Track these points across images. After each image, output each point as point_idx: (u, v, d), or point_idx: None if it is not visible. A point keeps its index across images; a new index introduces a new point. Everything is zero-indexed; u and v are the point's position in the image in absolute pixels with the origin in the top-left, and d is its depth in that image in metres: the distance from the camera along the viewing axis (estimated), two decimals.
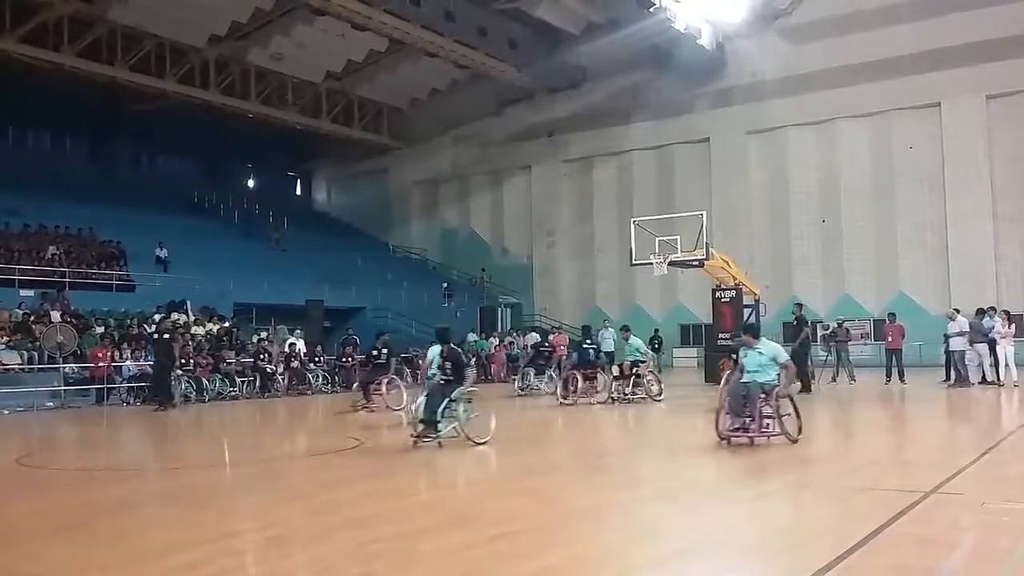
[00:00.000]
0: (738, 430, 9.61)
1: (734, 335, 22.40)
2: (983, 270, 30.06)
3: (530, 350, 27.26)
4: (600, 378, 17.54)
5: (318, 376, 23.82)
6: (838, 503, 6.76)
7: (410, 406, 10.30)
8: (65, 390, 19.65)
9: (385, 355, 17.14)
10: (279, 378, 22.97)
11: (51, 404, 19.32)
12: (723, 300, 22.87)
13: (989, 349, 18.68)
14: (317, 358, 24.78)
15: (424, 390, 10.78)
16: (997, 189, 30.47)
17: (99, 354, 20.09)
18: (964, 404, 16.08)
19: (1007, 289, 29.63)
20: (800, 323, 19.82)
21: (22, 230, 27.17)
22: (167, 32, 31.61)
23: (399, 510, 6.77)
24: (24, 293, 23.57)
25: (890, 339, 20.80)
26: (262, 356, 23.05)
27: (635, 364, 16.72)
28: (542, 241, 39.73)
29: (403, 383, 17.24)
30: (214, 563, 5.17)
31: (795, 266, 33.67)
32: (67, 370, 20.10)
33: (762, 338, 10.24)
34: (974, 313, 19.37)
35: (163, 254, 29.05)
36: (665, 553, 5.32)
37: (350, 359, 25.16)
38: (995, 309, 19.75)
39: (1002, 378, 18.33)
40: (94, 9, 29.56)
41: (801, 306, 20.63)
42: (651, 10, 29.92)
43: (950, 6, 30.29)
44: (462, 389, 10.49)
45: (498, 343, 29.59)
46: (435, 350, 13.99)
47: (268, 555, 5.50)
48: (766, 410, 9.63)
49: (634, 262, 23.86)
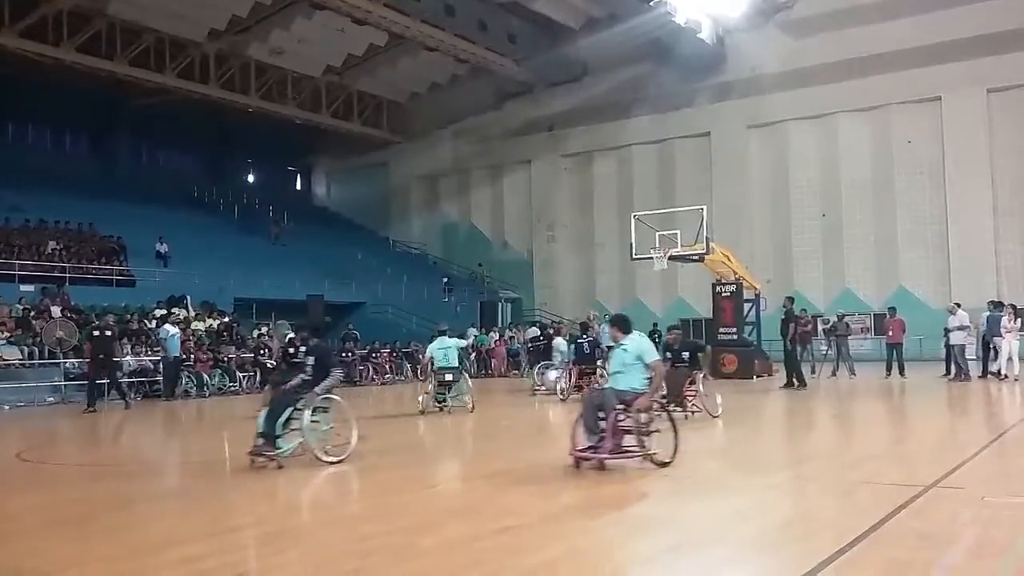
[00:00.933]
0: (590, 449, 7.72)
1: (737, 330, 22.54)
2: (984, 264, 30.03)
3: (530, 345, 27.35)
4: (600, 373, 17.50)
5: None
6: (838, 497, 6.76)
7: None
8: (66, 385, 19.67)
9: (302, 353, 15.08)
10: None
11: (51, 399, 19.35)
12: (724, 295, 22.89)
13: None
14: None
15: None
16: (998, 183, 30.44)
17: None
18: (964, 398, 16.08)
19: (1008, 283, 29.61)
20: (788, 317, 19.44)
21: (22, 225, 27.13)
22: (167, 26, 31.55)
23: (399, 505, 6.77)
24: (24, 288, 23.55)
25: (891, 333, 20.81)
26: (262, 351, 23.05)
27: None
28: (542, 235, 39.71)
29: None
30: (214, 558, 5.17)
31: (796, 260, 33.65)
32: (67, 365, 20.11)
33: (635, 332, 8.28)
34: (992, 307, 19.29)
35: (163, 249, 29.04)
36: (665, 546, 5.32)
37: (350, 354, 25.23)
38: (1002, 303, 19.72)
39: (1003, 371, 18.35)
40: (94, 3, 29.49)
41: (792, 300, 20.01)
42: (651, 4, 29.87)
43: (951, 0, 30.23)
44: (316, 393, 8.56)
45: (498, 338, 29.60)
46: (432, 346, 13.83)
47: (265, 550, 5.50)
48: (627, 424, 7.74)
49: (634, 256, 23.89)
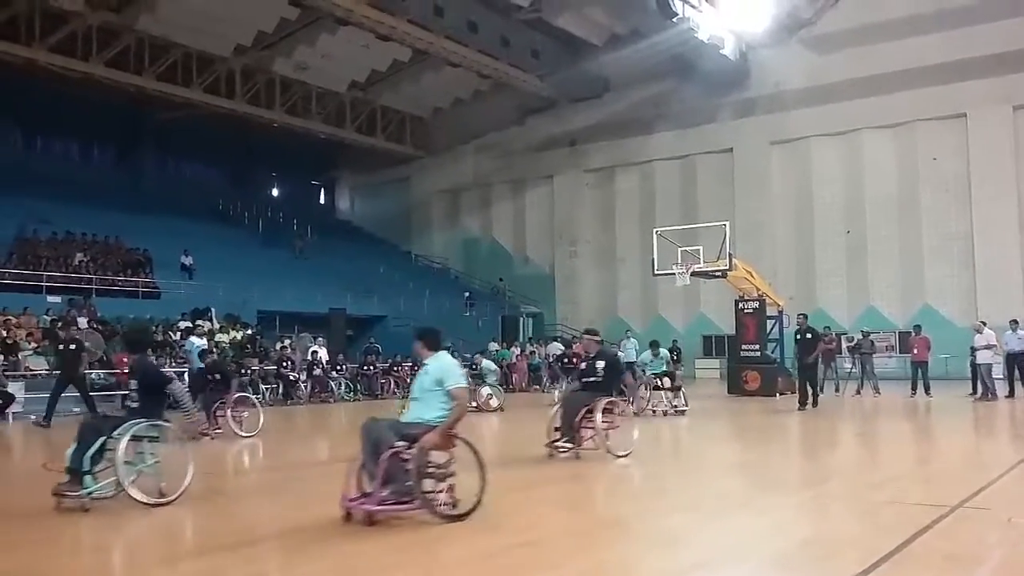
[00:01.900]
0: (361, 498, 6.19)
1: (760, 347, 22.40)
2: (1010, 282, 29.68)
3: (551, 360, 27.31)
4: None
5: (340, 384, 23.92)
6: (862, 517, 6.70)
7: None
8: (91, 396, 19.83)
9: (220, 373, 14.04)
10: (302, 386, 23.12)
11: (77, 409, 19.51)
12: (746, 311, 22.77)
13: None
14: (339, 366, 24.89)
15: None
16: None
17: (124, 360, 20.26)
18: (991, 418, 15.89)
19: None
20: (804, 334, 17.88)
21: (50, 237, 27.50)
22: (194, 42, 31.96)
23: (419, 517, 6.78)
24: (51, 299, 23.87)
25: (916, 351, 20.59)
26: (285, 364, 23.20)
27: (668, 376, 16.64)
28: (564, 250, 39.74)
29: (258, 402, 14.60)
30: (236, 570, 5.20)
31: (819, 277, 33.45)
32: (92, 376, 20.30)
33: (442, 351, 6.83)
34: (1013, 326, 19.07)
35: (188, 261, 29.32)
36: (689, 563, 5.30)
37: (372, 367, 25.33)
38: (1017, 321, 19.43)
39: None
40: (122, 19, 29.95)
41: (806, 316, 18.71)
42: (674, 20, 29.91)
43: (976, 17, 30.05)
44: (133, 425, 7.01)
45: (519, 352, 29.59)
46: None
47: (290, 560, 5.52)
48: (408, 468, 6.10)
49: (656, 272, 23.84)
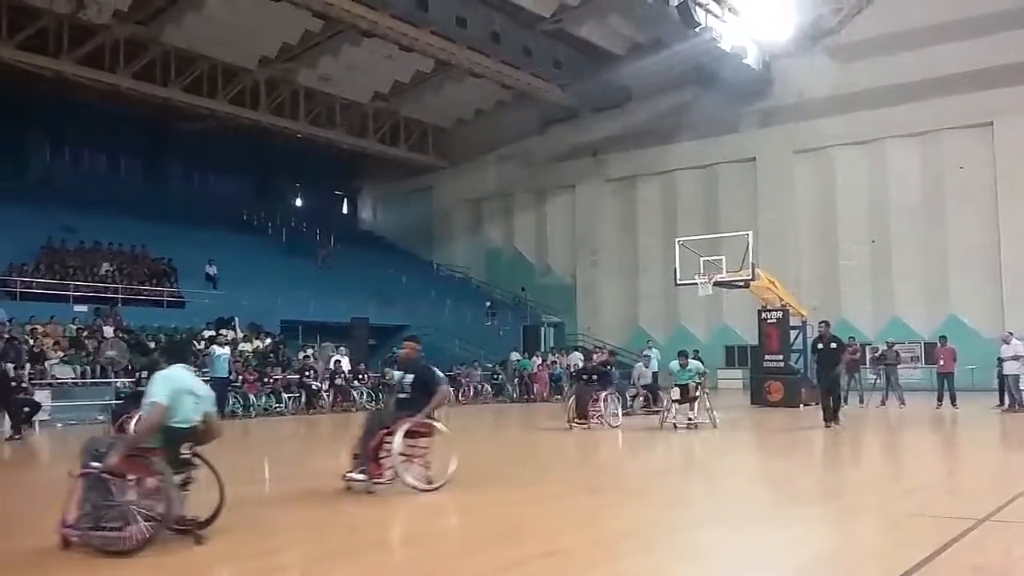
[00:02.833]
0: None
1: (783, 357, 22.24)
2: None
3: (573, 371, 27.25)
4: (610, 401, 16.13)
5: (363, 393, 23.99)
6: (888, 529, 6.63)
7: None
8: (117, 404, 20.01)
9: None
10: (324, 395, 23.22)
11: (102, 418, 19.68)
12: (769, 321, 22.64)
13: None
14: (361, 375, 24.98)
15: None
16: None
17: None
18: (1018, 429, 15.68)
19: None
20: (828, 343, 16.13)
21: (77, 247, 27.84)
22: (219, 54, 32.31)
23: (441, 528, 6.79)
24: (78, 309, 24.15)
25: (941, 363, 20.35)
26: (307, 373, 23.31)
27: (698, 386, 15.78)
28: (586, 260, 39.71)
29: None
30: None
31: (843, 287, 33.19)
32: (118, 384, 20.49)
33: (177, 365, 6.17)
34: None
35: (212, 271, 29.57)
36: (713, 573, 5.27)
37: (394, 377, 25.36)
38: None
39: None
40: (149, 32, 30.33)
41: (828, 324, 16.75)
42: (696, 30, 29.87)
43: (1002, 24, 29.78)
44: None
45: (540, 362, 29.56)
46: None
47: (313, 571, 5.54)
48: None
49: (679, 282, 23.75)
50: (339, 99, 37.35)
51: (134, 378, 14.43)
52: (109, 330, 22.64)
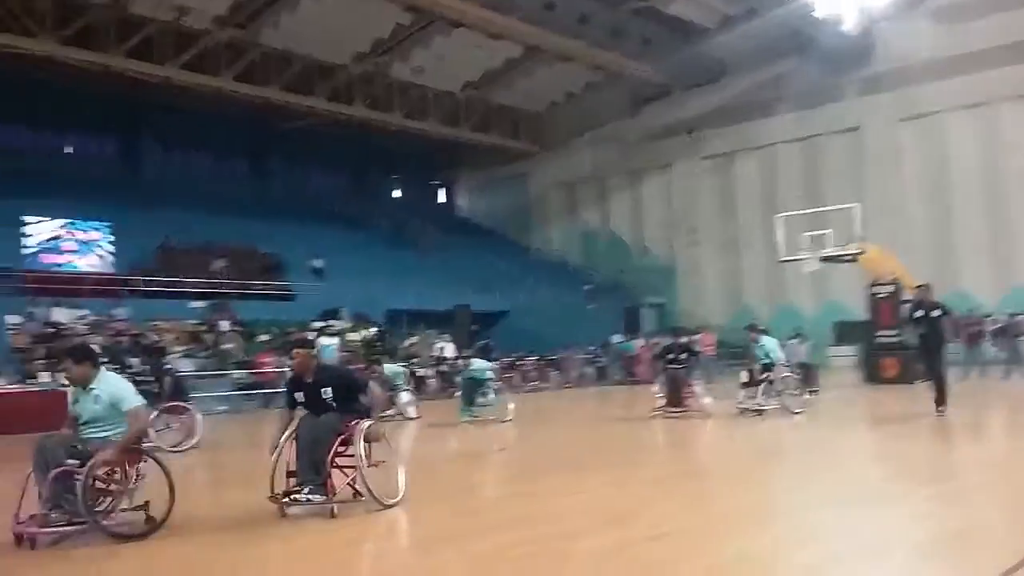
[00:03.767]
0: (32, 518, 5.84)
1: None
2: None
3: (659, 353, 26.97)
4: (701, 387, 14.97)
5: None
6: (1012, 510, 6.37)
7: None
8: (234, 395, 20.92)
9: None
10: (429, 382, 23.66)
11: (221, 408, 20.60)
12: (880, 296, 21.93)
13: None
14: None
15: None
16: None
17: (264, 360, 21.27)
18: None
19: None
20: (928, 311, 13.29)
21: (191, 246, 29.04)
22: (314, 52, 33.07)
23: (550, 511, 6.87)
24: (194, 305, 25.24)
25: None
26: (413, 361, 23.80)
27: (766, 369, 14.23)
28: (684, 240, 39.17)
29: (191, 413, 12.60)
30: (366, 565, 5.40)
31: (959, 257, 31.75)
32: (235, 376, 21.39)
33: (107, 371, 6.46)
34: None
35: (318, 264, 30.42)
36: (828, 554, 5.18)
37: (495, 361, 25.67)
38: None
39: None
40: (247, 34, 31.29)
41: (928, 287, 14.00)
42: None
43: None
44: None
45: (643, 344, 29.37)
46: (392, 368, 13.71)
47: (422, 554, 5.69)
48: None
49: (782, 259, 23.23)
50: (431, 90, 37.76)
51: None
52: (225, 324, 23.61)
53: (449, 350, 25.48)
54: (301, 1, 30.04)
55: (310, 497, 6.39)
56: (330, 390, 6.78)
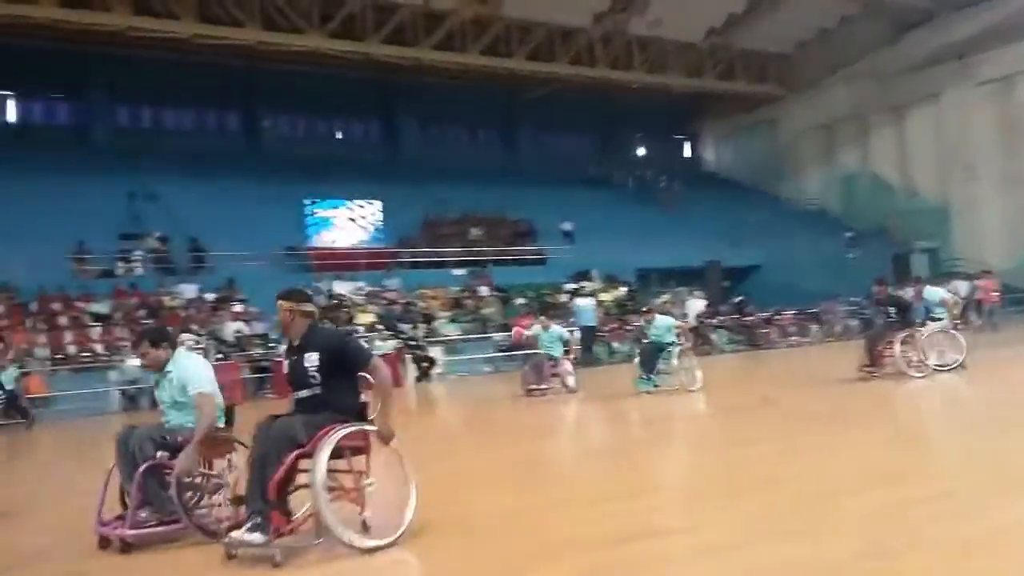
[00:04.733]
0: (118, 520, 5.31)
1: None
2: None
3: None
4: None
5: (722, 336, 24.00)
6: None
7: None
8: (496, 357, 22.07)
9: None
10: (684, 339, 23.55)
11: (486, 369, 21.83)
12: None
13: None
14: (719, 318, 24.97)
15: None
16: None
17: (521, 323, 22.21)
18: None
19: None
20: None
21: (450, 217, 30.72)
22: (554, 18, 33.50)
23: (813, 467, 6.72)
24: (456, 273, 26.82)
25: None
26: None
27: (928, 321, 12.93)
28: (958, 177, 35.80)
29: None
30: (640, 516, 5.58)
31: None
32: (497, 338, 22.53)
33: (182, 351, 5.97)
34: None
35: (568, 227, 31.09)
36: None
37: (750, 317, 25.13)
38: None
39: None
40: (490, 9, 32.25)
41: None
42: None
43: None
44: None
45: (912, 292, 27.39)
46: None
47: (690, 509, 5.80)
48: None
49: None
50: (671, 42, 37.01)
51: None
52: (484, 290, 24.89)
53: (702, 306, 25.21)
54: None
55: (245, 537, 4.74)
56: (315, 356, 5.11)
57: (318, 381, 5.10)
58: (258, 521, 4.73)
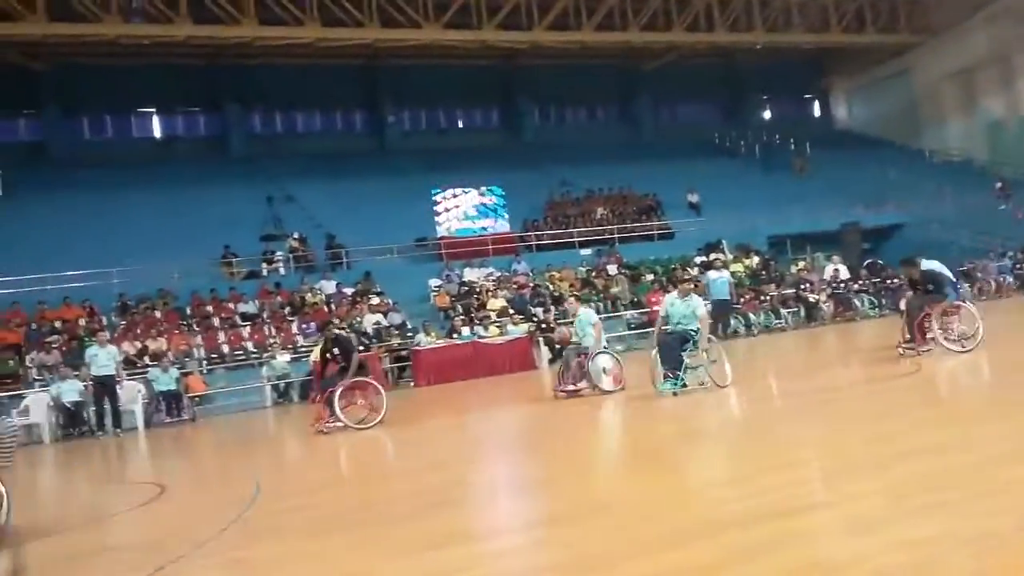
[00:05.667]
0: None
1: None
2: None
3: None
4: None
5: (864, 301, 23.10)
6: None
7: None
8: (627, 335, 21.97)
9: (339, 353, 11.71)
10: (823, 306, 22.83)
11: (619, 348, 21.75)
12: None
13: None
14: (861, 281, 24.03)
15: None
16: None
17: (652, 299, 22.03)
18: None
19: None
20: None
21: (574, 197, 30.69)
22: None
23: (961, 438, 6.41)
24: (583, 252, 26.79)
25: None
26: (803, 286, 23.10)
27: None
28: None
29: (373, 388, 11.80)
30: (777, 491, 5.48)
31: None
32: (627, 317, 22.42)
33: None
34: None
35: (694, 199, 30.53)
36: None
37: (893, 280, 24.01)
38: None
39: None
40: None
41: None
42: None
43: None
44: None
45: None
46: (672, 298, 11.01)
47: (833, 483, 5.64)
48: None
49: None
50: None
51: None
52: (612, 268, 24.79)
53: (843, 271, 24.30)
54: None
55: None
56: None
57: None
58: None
